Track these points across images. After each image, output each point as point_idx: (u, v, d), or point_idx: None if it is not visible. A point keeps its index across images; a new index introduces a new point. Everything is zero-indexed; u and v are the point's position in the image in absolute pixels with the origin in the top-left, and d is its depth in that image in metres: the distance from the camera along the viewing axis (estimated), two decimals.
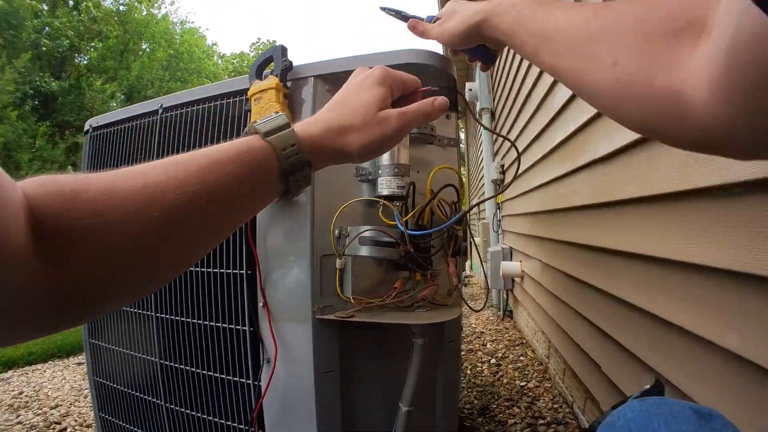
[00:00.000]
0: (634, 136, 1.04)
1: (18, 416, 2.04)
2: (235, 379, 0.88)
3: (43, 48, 13.58)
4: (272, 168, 0.39)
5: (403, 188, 0.81)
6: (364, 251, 0.74)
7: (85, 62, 15.28)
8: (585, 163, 1.38)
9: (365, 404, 0.87)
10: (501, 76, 3.04)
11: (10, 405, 2.17)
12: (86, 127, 1.33)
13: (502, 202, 3.09)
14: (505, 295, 3.06)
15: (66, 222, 0.29)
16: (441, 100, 0.51)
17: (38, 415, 2.06)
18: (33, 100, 13.33)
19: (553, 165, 1.77)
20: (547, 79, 1.86)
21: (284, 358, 0.80)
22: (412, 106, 0.50)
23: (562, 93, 1.64)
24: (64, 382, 2.53)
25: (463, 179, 0.85)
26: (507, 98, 2.77)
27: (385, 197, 0.81)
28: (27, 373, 2.69)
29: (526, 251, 2.41)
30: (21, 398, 2.27)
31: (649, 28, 0.33)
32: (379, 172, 0.82)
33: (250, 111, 0.83)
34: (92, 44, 15.25)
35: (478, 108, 2.97)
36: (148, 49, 18.08)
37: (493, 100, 3.09)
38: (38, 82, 13.31)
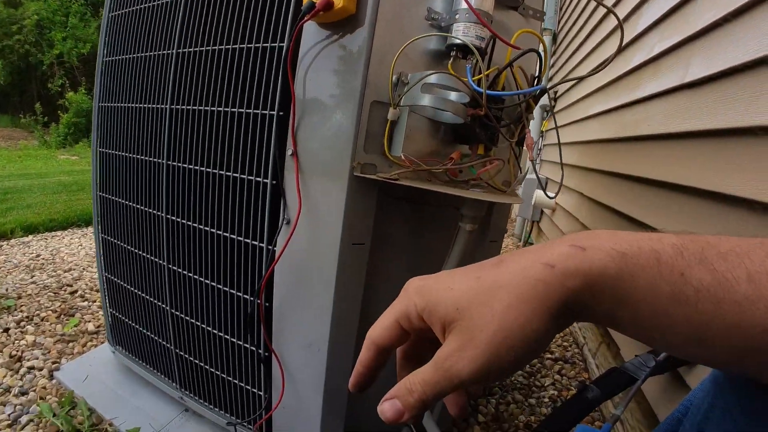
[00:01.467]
0: (741, 60, 0.86)
1: (33, 277, 2.08)
2: (246, 240, 0.76)
3: None
4: None
5: (482, 40, 0.65)
6: (427, 101, 0.59)
7: None
8: (667, 88, 1.21)
9: (390, 285, 0.75)
10: None
11: (27, 266, 2.22)
12: None
13: (546, 131, 2.90)
14: (528, 227, 2.95)
15: None
16: None
17: (52, 276, 2.09)
18: None
19: (623, 90, 1.59)
20: (631, 1, 1.64)
21: (307, 220, 0.68)
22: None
23: (650, 13, 1.44)
24: (80, 248, 2.57)
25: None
26: (576, 21, 2.51)
27: (459, 47, 0.65)
28: (46, 239, 2.74)
29: (565, 183, 2.26)
30: (38, 261, 2.32)
31: None
32: (457, 16, 0.65)
33: None
34: None
35: (540, 28, 2.69)
36: None
37: (558, 22, 2.81)
38: None
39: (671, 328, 0.25)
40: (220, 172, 0.77)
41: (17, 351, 1.43)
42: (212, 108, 0.78)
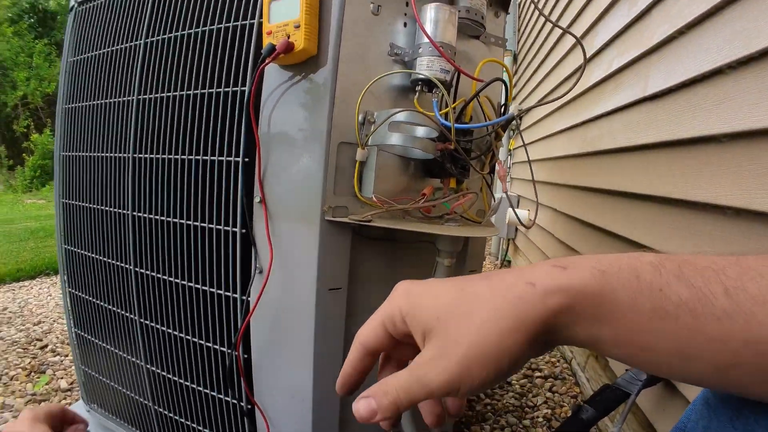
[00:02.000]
0: (701, 70, 0.89)
1: (0, 332, 1.96)
2: (219, 292, 0.73)
3: None
4: None
5: (447, 72, 0.64)
6: (395, 139, 0.57)
7: None
8: (628, 102, 1.23)
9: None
10: (528, 18, 2.83)
11: None
12: (71, 3, 1.12)
13: (514, 149, 2.95)
14: (505, 245, 2.96)
15: None
16: None
17: (21, 331, 1.98)
18: (30, 17, 12.73)
19: (586, 106, 1.62)
20: (588, 18, 1.69)
21: (280, 269, 0.65)
22: None
23: (606, 31, 1.49)
24: (49, 299, 2.45)
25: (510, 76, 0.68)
26: (534, 41, 2.58)
27: (424, 81, 0.64)
28: (14, 290, 2.61)
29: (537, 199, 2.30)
30: (5, 314, 2.20)
31: None
32: (420, 50, 0.65)
33: None
34: None
35: (502, 56, 2.77)
36: None
37: (518, 43, 2.89)
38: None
39: (654, 344, 0.25)
40: (188, 222, 0.74)
41: None
42: (176, 156, 0.76)
